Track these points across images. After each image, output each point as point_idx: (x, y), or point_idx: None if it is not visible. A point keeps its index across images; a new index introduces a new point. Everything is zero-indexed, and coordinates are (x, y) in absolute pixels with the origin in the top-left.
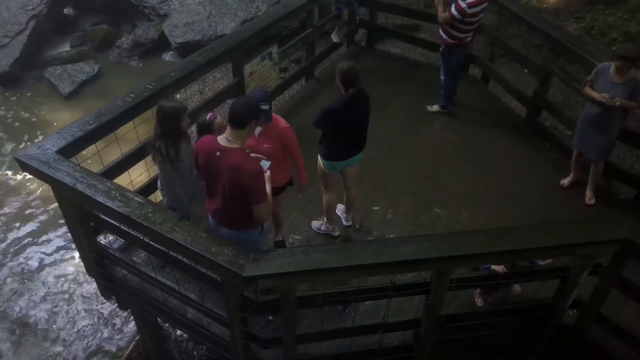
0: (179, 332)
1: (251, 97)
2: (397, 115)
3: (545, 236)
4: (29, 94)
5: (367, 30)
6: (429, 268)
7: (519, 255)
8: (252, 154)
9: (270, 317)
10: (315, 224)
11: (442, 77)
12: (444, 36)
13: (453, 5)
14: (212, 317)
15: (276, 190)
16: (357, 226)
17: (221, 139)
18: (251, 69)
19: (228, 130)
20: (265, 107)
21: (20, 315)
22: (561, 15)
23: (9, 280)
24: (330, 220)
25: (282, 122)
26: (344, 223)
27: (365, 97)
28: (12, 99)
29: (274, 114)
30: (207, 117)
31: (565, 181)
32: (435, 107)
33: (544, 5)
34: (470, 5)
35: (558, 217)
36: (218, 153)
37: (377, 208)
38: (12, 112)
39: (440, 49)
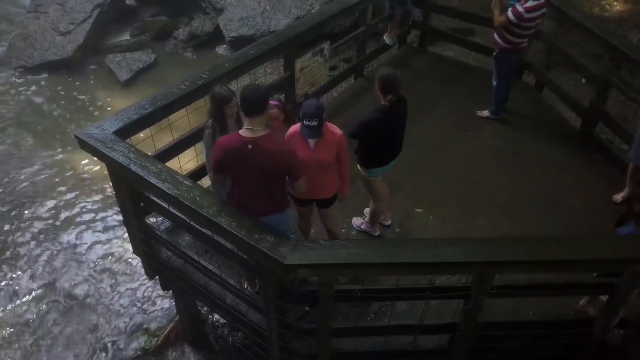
0: (216, 317)
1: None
2: (445, 118)
3: (594, 248)
4: (90, 79)
5: (419, 31)
6: (470, 272)
7: (564, 266)
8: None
9: (307, 308)
10: (356, 221)
11: (494, 83)
12: (499, 40)
13: (510, 9)
14: (250, 303)
15: (326, 202)
16: (397, 230)
17: (245, 132)
18: (302, 64)
19: (247, 121)
20: (313, 123)
21: (68, 287)
22: (624, 24)
23: (61, 254)
24: (373, 224)
25: (337, 130)
26: (384, 223)
27: (404, 105)
28: (75, 83)
29: (327, 123)
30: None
31: (619, 196)
32: (485, 113)
33: (607, 14)
34: (528, 10)
35: (608, 233)
36: (250, 146)
37: (420, 210)
38: (73, 95)
39: (494, 53)
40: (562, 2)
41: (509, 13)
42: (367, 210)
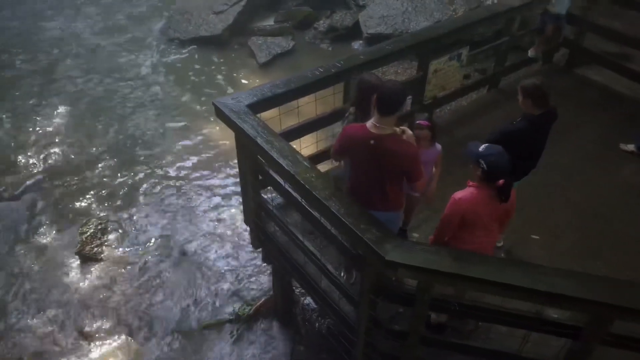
0: (307, 300)
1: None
2: (583, 145)
3: None
4: (233, 56)
5: (569, 50)
6: (586, 311)
7: None
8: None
9: (401, 310)
10: None
11: None
12: None
13: None
14: (343, 292)
15: None
16: (507, 253)
17: (371, 127)
18: (437, 66)
19: (377, 116)
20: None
21: (181, 243)
22: None
23: (180, 212)
24: None
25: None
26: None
27: (554, 119)
28: (220, 60)
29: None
30: (420, 122)
31: None
32: (631, 147)
33: None
34: None
35: None
36: (372, 142)
37: (536, 237)
38: (216, 68)
39: None
40: None
41: None
42: None
